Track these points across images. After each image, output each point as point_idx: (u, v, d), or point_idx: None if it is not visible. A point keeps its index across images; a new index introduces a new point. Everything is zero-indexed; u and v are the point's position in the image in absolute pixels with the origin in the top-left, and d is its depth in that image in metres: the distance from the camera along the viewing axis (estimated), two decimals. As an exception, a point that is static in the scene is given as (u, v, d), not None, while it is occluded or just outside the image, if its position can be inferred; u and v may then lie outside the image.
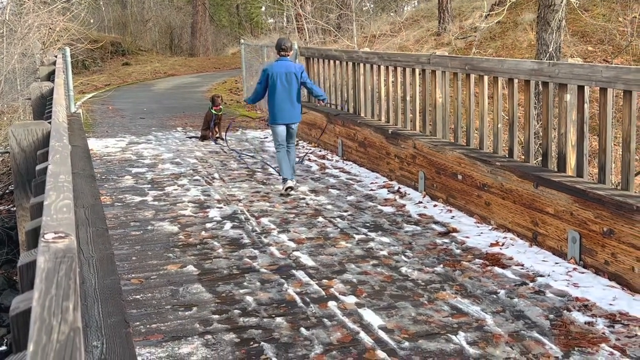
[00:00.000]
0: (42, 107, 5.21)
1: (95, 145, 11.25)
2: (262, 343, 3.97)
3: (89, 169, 5.66)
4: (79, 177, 4.88)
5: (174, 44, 40.31)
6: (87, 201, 4.29)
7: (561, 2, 10.98)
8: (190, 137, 12.03)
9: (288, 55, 7.71)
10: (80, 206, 4.06)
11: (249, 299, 4.65)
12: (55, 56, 10.36)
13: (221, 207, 7.14)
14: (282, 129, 7.67)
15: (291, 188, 7.55)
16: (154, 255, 5.65)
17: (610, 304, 4.38)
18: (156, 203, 7.39)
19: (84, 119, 12.50)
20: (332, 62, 10.61)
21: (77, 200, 4.12)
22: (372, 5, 31.69)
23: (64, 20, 14.74)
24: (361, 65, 9.45)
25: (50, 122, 3.02)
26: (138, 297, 4.72)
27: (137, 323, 4.26)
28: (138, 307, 4.52)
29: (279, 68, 7.57)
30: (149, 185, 8.28)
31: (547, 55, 10.85)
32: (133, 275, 5.16)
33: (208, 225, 6.49)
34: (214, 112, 11.49)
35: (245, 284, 4.94)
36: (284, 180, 7.64)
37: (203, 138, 11.64)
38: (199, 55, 37.38)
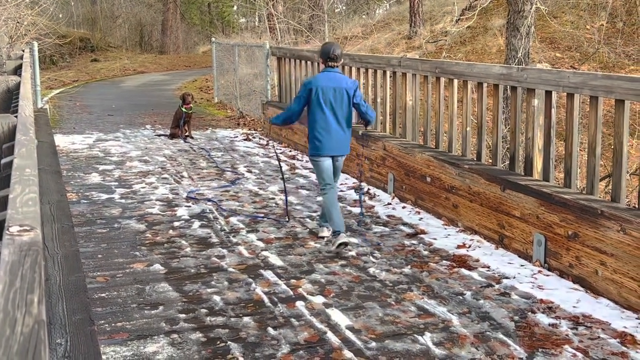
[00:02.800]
0: (8, 101, 5.12)
1: (61, 141, 11.10)
2: (229, 342, 3.95)
3: (55, 165, 5.58)
4: (44, 173, 4.81)
5: (144, 41, 39.96)
6: (52, 197, 4.23)
7: (530, 9, 11.13)
8: (159, 135, 11.93)
9: (337, 66, 5.84)
10: (46, 202, 4.00)
11: (217, 298, 4.63)
12: (23, 50, 10.20)
13: (189, 206, 7.09)
14: (328, 164, 5.84)
15: (345, 244, 5.54)
16: (120, 253, 5.59)
17: (574, 307, 4.45)
18: (123, 201, 7.31)
19: (50, 115, 12.33)
20: (303, 62, 10.61)
21: (43, 196, 4.06)
22: (344, 7, 31.78)
23: (32, 15, 14.52)
24: (332, 66, 9.45)
25: (16, 116, 2.97)
26: (103, 295, 4.67)
27: (102, 321, 4.21)
28: (103, 306, 4.47)
29: (327, 81, 5.72)
30: (116, 183, 8.19)
31: (516, 60, 10.99)
32: (99, 273, 5.10)
33: (176, 223, 6.44)
34: (184, 110, 11.42)
35: (212, 283, 4.91)
36: (335, 233, 5.60)
37: (172, 136, 11.56)
38: (170, 52, 37.13)
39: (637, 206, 4.69)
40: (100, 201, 7.30)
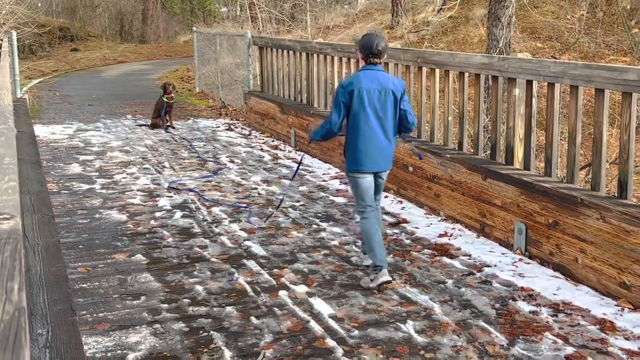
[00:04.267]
0: (-14, 91, 5.06)
1: (41, 131, 10.99)
2: (212, 332, 3.95)
3: (34, 155, 5.54)
4: (24, 163, 4.78)
5: (124, 31, 39.61)
6: (32, 188, 4.20)
7: (512, -1, 11.17)
8: (140, 125, 11.85)
9: (380, 63, 4.75)
10: (26, 192, 3.97)
11: (199, 288, 4.62)
12: (1, 40, 10.07)
13: (171, 196, 7.06)
14: (369, 181, 4.79)
15: (388, 282, 4.63)
16: (101, 243, 5.56)
17: (554, 294, 4.50)
18: (104, 191, 7.27)
19: (30, 105, 12.20)
20: (285, 52, 10.58)
21: (23, 186, 4.03)
22: (326, -3, 31.65)
23: (10, 3, 14.33)
24: (315, 55, 9.45)
25: (-6, 105, 2.94)
26: (85, 285, 4.64)
27: (84, 312, 4.19)
28: (85, 296, 4.45)
29: (370, 82, 4.65)
30: (97, 173, 8.14)
31: (497, 50, 11.03)
32: (80, 263, 5.06)
33: (157, 214, 6.42)
34: (165, 100, 11.34)
35: (195, 273, 4.90)
36: (376, 268, 4.66)
37: (153, 126, 11.49)
38: (150, 42, 36.84)
39: (616, 195, 4.74)
40: (81, 191, 7.24)
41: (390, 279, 4.63)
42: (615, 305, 4.29)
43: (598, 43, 15.19)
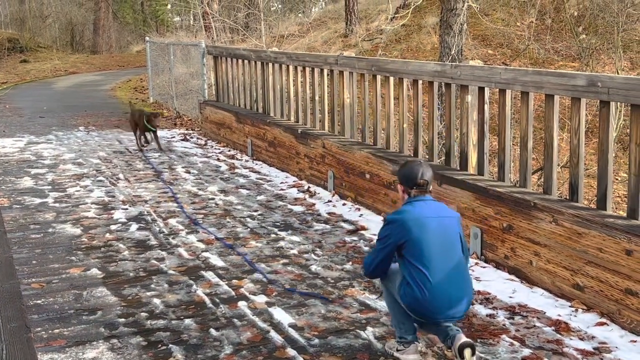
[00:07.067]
0: None
1: (-9, 145, 10.74)
2: (171, 345, 3.90)
3: (-16, 169, 5.40)
4: (-27, 178, 4.66)
5: (75, 41, 39.02)
6: (-17, 203, 4.09)
7: (463, 7, 11.35)
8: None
9: (428, 193, 3.77)
10: (-24, 208, 3.88)
11: (157, 301, 4.56)
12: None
13: (126, 209, 6.96)
14: (420, 324, 3.72)
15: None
16: (55, 258, 5.44)
17: (510, 297, 4.57)
18: (57, 205, 7.13)
19: (-22, 118, 11.92)
20: (240, 61, 10.56)
21: (-28, 202, 3.93)
22: (280, 6, 31.73)
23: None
24: (270, 64, 9.45)
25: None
26: (39, 302, 4.53)
27: (39, 328, 4.09)
28: (39, 312, 4.35)
29: (423, 211, 3.64)
30: (50, 187, 7.98)
31: (450, 57, 11.19)
32: (33, 279, 4.95)
33: (113, 227, 6.32)
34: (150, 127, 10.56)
35: (152, 286, 4.84)
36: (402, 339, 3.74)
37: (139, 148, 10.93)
38: (102, 52, 36.39)
39: (568, 198, 4.85)
40: (33, 206, 7.09)
41: None
42: (570, 307, 4.38)
43: (547, 49, 15.53)
